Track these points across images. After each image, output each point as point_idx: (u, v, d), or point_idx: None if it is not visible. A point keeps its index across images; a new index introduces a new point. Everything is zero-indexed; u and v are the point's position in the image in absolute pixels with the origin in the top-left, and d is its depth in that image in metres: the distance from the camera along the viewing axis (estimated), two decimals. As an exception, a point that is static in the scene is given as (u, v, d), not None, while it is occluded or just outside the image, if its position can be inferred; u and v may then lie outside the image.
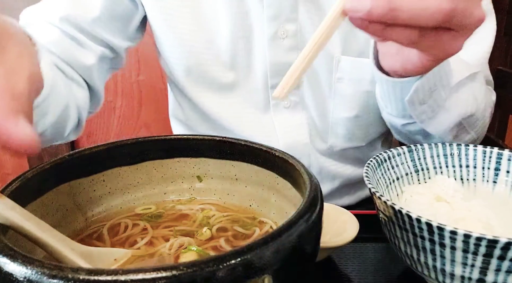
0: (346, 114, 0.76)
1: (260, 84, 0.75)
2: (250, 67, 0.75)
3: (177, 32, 0.74)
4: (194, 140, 0.48)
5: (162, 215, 0.47)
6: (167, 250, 0.41)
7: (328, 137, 0.79)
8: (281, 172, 0.44)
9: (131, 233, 0.44)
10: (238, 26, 0.72)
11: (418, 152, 0.55)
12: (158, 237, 0.43)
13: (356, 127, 0.78)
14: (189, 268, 0.26)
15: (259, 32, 0.72)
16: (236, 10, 0.71)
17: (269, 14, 0.70)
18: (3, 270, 0.27)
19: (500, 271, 0.38)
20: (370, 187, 0.45)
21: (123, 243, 0.42)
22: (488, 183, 0.55)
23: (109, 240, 0.43)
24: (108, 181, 0.46)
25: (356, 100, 0.75)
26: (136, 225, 0.45)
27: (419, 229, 0.40)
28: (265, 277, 0.28)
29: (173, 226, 0.45)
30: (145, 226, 0.45)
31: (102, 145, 0.45)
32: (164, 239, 0.43)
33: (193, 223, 0.45)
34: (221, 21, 0.72)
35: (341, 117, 0.77)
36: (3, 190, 0.36)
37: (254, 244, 0.28)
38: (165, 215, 0.47)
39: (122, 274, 0.25)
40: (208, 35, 0.74)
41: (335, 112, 0.76)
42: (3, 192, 0.36)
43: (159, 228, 0.45)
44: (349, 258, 0.53)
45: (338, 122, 0.77)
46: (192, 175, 0.49)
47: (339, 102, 0.75)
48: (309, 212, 0.33)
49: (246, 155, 0.46)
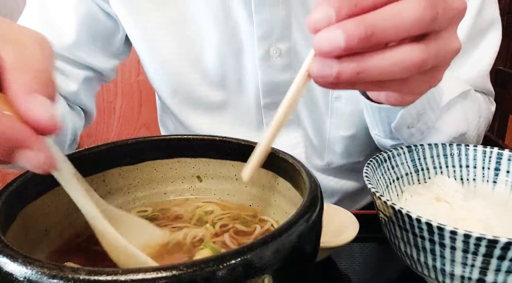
0: (343, 133, 0.74)
1: (252, 103, 0.73)
2: (241, 86, 0.72)
3: (160, 52, 0.70)
4: (194, 140, 0.48)
5: (158, 217, 0.47)
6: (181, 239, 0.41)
7: (325, 155, 0.77)
8: (281, 172, 0.44)
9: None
10: (225, 43, 0.69)
11: (418, 152, 0.55)
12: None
13: (353, 144, 0.76)
14: (189, 268, 0.26)
15: (249, 50, 0.69)
16: (223, 27, 0.68)
17: (260, 33, 0.66)
18: (3, 270, 0.27)
19: (500, 271, 0.38)
20: (370, 187, 0.45)
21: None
22: (488, 183, 0.55)
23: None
24: (108, 181, 0.46)
25: (354, 119, 0.72)
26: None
27: (419, 229, 0.40)
28: (265, 277, 0.28)
29: (170, 224, 0.45)
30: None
31: (102, 145, 0.45)
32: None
33: (191, 220, 0.45)
34: (207, 38, 0.69)
35: (338, 135, 0.75)
36: (3, 190, 0.36)
37: (254, 244, 0.28)
38: (161, 217, 0.47)
39: (122, 274, 0.25)
40: (193, 53, 0.70)
41: (332, 131, 0.74)
42: (3, 192, 0.36)
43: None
44: (349, 258, 0.53)
45: (335, 140, 0.75)
46: (192, 175, 0.49)
47: (337, 121, 0.73)
48: (309, 212, 0.33)
49: (246, 155, 0.46)
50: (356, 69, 0.33)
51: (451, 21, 0.36)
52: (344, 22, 0.32)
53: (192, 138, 0.48)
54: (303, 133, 0.76)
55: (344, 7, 0.32)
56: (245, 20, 0.66)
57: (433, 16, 0.33)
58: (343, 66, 0.33)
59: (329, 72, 0.33)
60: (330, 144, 0.76)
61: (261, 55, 0.68)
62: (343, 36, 0.31)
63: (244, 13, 0.66)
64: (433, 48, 0.34)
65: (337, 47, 0.32)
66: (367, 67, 0.33)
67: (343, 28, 0.32)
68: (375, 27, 0.32)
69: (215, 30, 0.68)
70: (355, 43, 0.32)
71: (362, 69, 0.33)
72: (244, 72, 0.71)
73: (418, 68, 0.34)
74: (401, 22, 0.32)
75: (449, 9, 0.34)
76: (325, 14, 0.32)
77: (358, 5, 0.32)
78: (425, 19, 0.32)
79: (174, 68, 0.71)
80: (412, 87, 0.38)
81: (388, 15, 0.32)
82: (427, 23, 0.33)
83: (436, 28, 0.34)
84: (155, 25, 0.69)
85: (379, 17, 0.32)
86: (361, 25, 0.32)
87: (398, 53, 0.33)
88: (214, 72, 0.71)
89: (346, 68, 0.33)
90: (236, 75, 0.71)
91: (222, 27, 0.67)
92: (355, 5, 0.32)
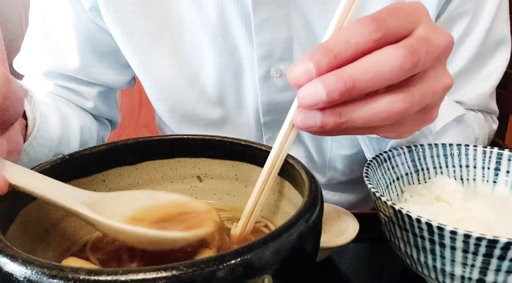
0: (345, 152, 0.73)
1: (252, 120, 0.71)
2: (240, 104, 0.70)
3: (156, 71, 0.69)
4: (194, 140, 0.48)
5: None
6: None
7: (326, 172, 0.77)
8: (281, 172, 0.44)
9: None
10: (224, 63, 0.66)
11: (418, 152, 0.55)
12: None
13: (355, 163, 0.75)
14: (189, 268, 0.26)
15: (249, 69, 0.67)
16: (222, 47, 0.65)
17: (260, 54, 0.64)
18: (3, 270, 0.27)
19: (500, 271, 0.38)
20: (370, 187, 0.45)
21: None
22: (488, 183, 0.55)
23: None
24: (108, 181, 0.46)
25: (356, 139, 0.70)
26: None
27: (419, 229, 0.40)
28: (265, 277, 0.28)
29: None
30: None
31: (102, 145, 0.45)
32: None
33: None
34: (204, 57, 0.67)
35: (340, 154, 0.73)
36: (3, 190, 0.36)
37: (254, 244, 0.28)
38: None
39: (122, 274, 0.25)
40: (190, 71, 0.68)
41: (334, 150, 0.73)
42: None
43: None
44: (349, 258, 0.53)
45: (336, 158, 0.74)
46: (192, 175, 0.49)
47: (338, 140, 0.72)
48: (309, 212, 0.33)
49: (246, 155, 0.46)
50: (339, 120, 0.34)
51: (438, 59, 0.35)
52: (324, 76, 0.32)
53: (192, 138, 0.48)
54: (304, 149, 0.75)
55: (324, 61, 0.32)
56: (244, 40, 0.64)
57: (414, 62, 0.32)
58: (326, 117, 0.34)
59: (313, 123, 0.34)
60: (331, 162, 0.75)
61: (261, 75, 0.66)
62: (324, 90, 0.32)
63: (243, 33, 0.64)
64: (417, 93, 0.34)
65: (320, 101, 0.33)
66: (350, 118, 0.34)
67: (323, 83, 0.32)
68: (355, 80, 0.32)
69: (213, 49, 0.66)
70: (336, 96, 0.32)
71: (345, 119, 0.34)
72: (243, 91, 0.69)
73: (401, 115, 0.34)
74: (381, 72, 0.32)
75: (435, 49, 0.34)
76: (305, 68, 0.33)
77: (337, 57, 0.32)
78: (406, 68, 0.32)
79: (171, 86, 0.69)
80: (404, 127, 0.38)
81: (367, 66, 0.32)
82: (407, 71, 0.33)
83: (420, 71, 0.34)
84: (149, 43, 0.67)
85: (358, 69, 0.32)
86: (341, 78, 0.32)
87: (380, 104, 0.34)
88: (212, 90, 0.69)
89: (330, 119, 0.34)
90: (235, 93, 0.69)
91: (220, 46, 0.65)
92: (334, 57, 0.32)
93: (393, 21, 0.33)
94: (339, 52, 0.32)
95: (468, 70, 0.69)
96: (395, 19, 0.33)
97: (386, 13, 0.33)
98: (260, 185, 0.40)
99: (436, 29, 0.35)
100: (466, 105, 0.70)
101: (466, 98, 0.70)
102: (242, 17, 0.63)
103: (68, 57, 0.69)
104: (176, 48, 0.67)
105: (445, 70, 0.37)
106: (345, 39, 0.33)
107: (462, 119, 0.64)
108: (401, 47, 0.32)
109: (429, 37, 0.34)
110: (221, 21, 0.64)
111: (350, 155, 0.73)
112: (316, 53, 0.33)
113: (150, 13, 0.65)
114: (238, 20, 0.63)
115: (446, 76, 0.37)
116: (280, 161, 0.40)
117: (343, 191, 0.81)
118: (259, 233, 0.43)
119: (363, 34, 0.32)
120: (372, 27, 0.32)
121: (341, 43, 0.33)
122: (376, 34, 0.32)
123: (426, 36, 0.34)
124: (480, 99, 0.71)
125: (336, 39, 0.33)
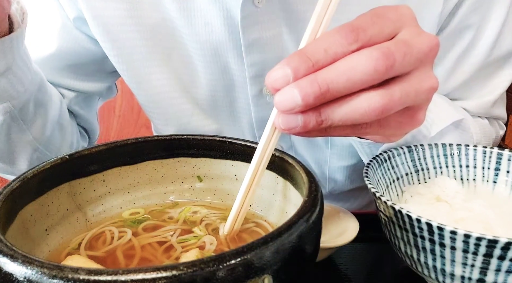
0: (344, 163, 0.72)
1: (247, 133, 0.71)
2: (234, 117, 0.70)
3: (151, 85, 0.68)
4: (194, 140, 0.48)
5: (147, 219, 0.46)
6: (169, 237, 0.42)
7: (326, 184, 0.76)
8: (281, 172, 0.44)
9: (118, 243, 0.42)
10: (216, 79, 0.66)
11: (418, 152, 0.55)
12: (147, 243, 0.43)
13: (355, 173, 0.74)
14: (189, 268, 0.26)
15: (242, 87, 0.66)
16: (213, 65, 0.65)
17: (251, 74, 0.63)
18: (3, 270, 0.28)
19: (500, 271, 0.38)
20: (370, 187, 0.45)
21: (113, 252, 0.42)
22: (488, 183, 0.55)
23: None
24: (108, 181, 0.46)
25: (354, 150, 0.68)
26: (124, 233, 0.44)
27: (419, 229, 0.40)
28: (265, 277, 0.28)
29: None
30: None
31: (102, 145, 0.45)
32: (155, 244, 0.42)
33: (176, 222, 0.45)
34: (197, 70, 0.66)
35: (339, 165, 0.73)
36: (3, 190, 0.36)
37: (254, 244, 0.28)
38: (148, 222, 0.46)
39: (122, 274, 0.25)
40: (183, 85, 0.68)
41: (333, 161, 0.72)
42: (3, 192, 0.36)
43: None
44: (349, 258, 0.53)
45: (335, 170, 0.74)
46: (192, 175, 0.49)
47: (337, 152, 0.71)
48: (309, 212, 0.33)
49: (246, 155, 0.46)
50: (319, 118, 0.34)
51: (421, 61, 0.35)
52: (299, 81, 0.33)
53: (192, 138, 0.48)
54: (302, 160, 0.73)
55: (302, 68, 0.33)
56: (236, 59, 0.64)
57: (388, 65, 0.33)
58: (307, 117, 0.34)
59: (295, 124, 0.35)
60: (331, 174, 0.75)
61: (254, 94, 0.65)
62: (299, 95, 0.33)
63: (234, 52, 0.63)
64: (398, 90, 0.34)
65: (296, 105, 0.33)
66: (328, 116, 0.34)
67: (298, 87, 0.33)
68: (329, 83, 0.33)
69: (205, 65, 0.65)
70: (311, 100, 0.33)
71: (325, 117, 0.34)
72: (237, 105, 0.69)
73: (380, 112, 0.34)
74: (354, 75, 0.33)
75: (414, 52, 0.34)
76: (283, 74, 0.33)
77: (315, 65, 0.33)
78: (379, 70, 0.33)
79: (165, 100, 0.69)
80: (391, 130, 0.38)
81: (341, 70, 0.33)
82: (382, 73, 0.33)
83: (398, 73, 0.34)
84: (141, 56, 0.66)
85: (332, 73, 0.33)
86: (315, 82, 0.33)
87: (357, 100, 0.34)
88: (206, 103, 0.69)
89: (310, 118, 0.34)
90: (228, 108, 0.69)
91: (211, 64, 0.65)
92: (312, 66, 0.33)
93: (375, 30, 0.34)
94: (317, 61, 0.33)
95: (473, 82, 0.69)
96: (377, 28, 0.34)
97: (368, 21, 0.34)
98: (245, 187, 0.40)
99: (420, 32, 0.36)
100: (470, 112, 0.70)
101: (470, 106, 0.70)
102: (232, 36, 0.62)
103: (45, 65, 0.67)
104: (169, 61, 0.66)
105: (429, 72, 0.37)
106: (324, 48, 0.33)
107: (460, 124, 0.64)
108: (375, 50, 0.33)
109: (409, 40, 0.34)
110: (211, 40, 0.63)
111: (350, 166, 0.72)
112: (295, 59, 0.33)
113: (141, 26, 0.64)
114: (228, 40, 0.62)
115: (431, 78, 0.37)
116: (263, 167, 0.40)
117: (345, 201, 0.81)
118: (256, 233, 0.43)
119: (342, 45, 0.33)
120: (351, 38, 0.33)
121: (319, 52, 0.33)
122: (355, 45, 0.33)
123: (406, 39, 0.34)
124: (483, 108, 0.71)
125: (315, 46, 0.34)
